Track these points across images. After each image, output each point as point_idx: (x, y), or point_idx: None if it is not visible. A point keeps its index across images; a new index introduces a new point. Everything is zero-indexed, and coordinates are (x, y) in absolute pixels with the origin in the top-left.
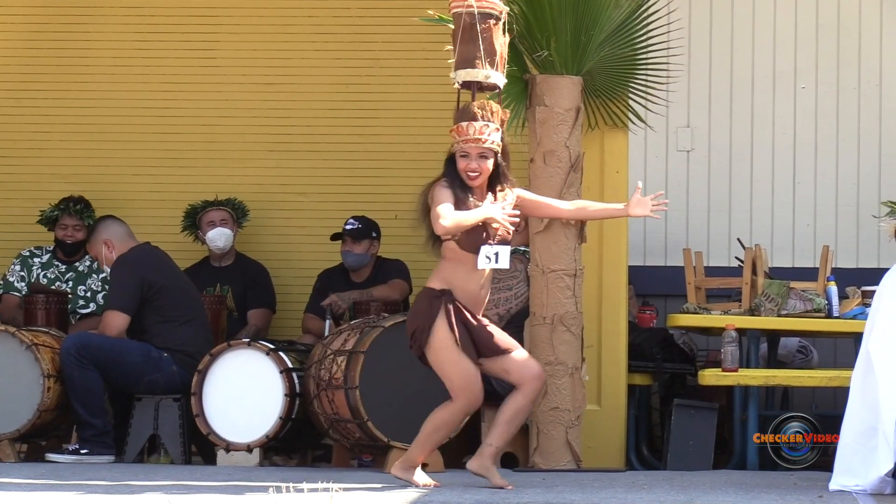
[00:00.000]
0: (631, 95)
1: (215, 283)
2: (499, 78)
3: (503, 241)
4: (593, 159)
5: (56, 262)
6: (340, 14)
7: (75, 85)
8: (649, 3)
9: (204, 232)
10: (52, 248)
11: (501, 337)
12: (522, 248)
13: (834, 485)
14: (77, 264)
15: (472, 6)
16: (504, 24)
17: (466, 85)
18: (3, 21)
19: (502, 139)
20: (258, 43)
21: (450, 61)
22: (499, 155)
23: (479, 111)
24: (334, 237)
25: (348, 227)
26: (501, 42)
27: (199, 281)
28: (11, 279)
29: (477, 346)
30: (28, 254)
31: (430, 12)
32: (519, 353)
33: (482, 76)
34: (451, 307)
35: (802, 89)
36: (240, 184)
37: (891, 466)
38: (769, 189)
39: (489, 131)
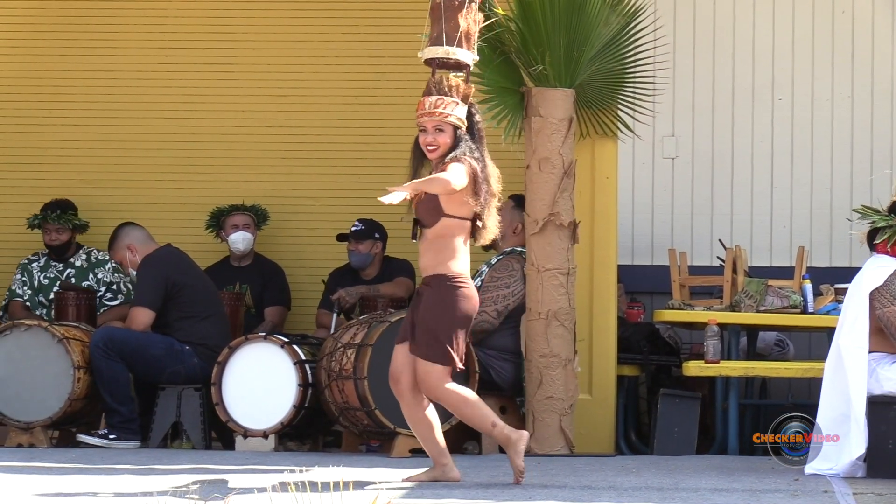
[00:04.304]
0: (620, 106)
1: (235, 282)
2: (463, 54)
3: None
4: (585, 166)
5: (53, 263)
6: (349, 31)
7: (102, 97)
8: (637, 21)
9: (227, 234)
10: (46, 252)
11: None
12: (519, 249)
13: (809, 469)
14: (72, 260)
15: None
16: (476, 3)
17: (431, 62)
18: (34, 37)
19: (471, 115)
20: (273, 58)
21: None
22: (459, 130)
23: (436, 85)
24: (339, 238)
25: (353, 228)
26: (471, 19)
27: (219, 279)
28: (14, 287)
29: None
30: (27, 261)
31: None
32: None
33: (441, 52)
34: None
35: (780, 100)
36: (255, 189)
37: (862, 451)
38: (748, 193)
39: (445, 104)
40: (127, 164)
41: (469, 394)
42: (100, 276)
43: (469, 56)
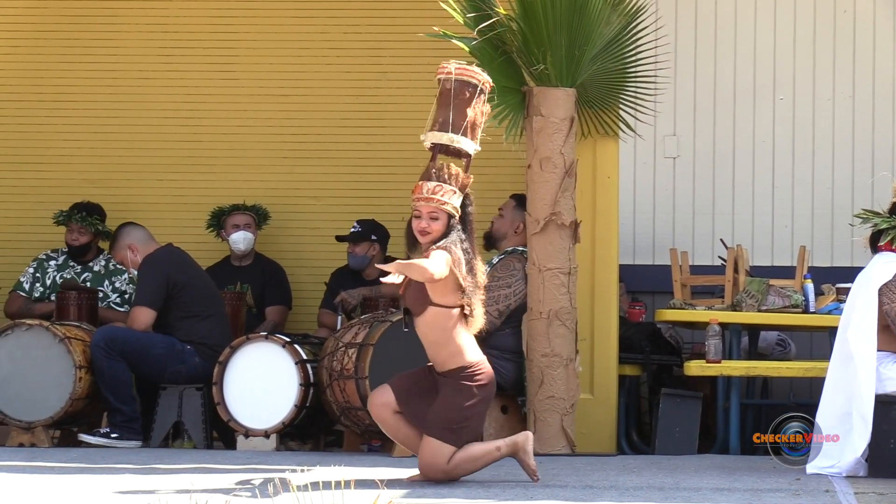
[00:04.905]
0: (621, 106)
1: (236, 281)
2: (467, 144)
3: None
4: (586, 165)
5: (72, 263)
6: (351, 31)
7: (104, 97)
8: (638, 21)
9: (228, 233)
10: (66, 251)
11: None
12: (520, 249)
13: (811, 468)
14: (91, 264)
15: (451, 74)
16: (486, 93)
17: (433, 147)
18: (36, 38)
19: (465, 205)
20: (274, 57)
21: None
22: (453, 219)
23: (437, 172)
24: (338, 239)
25: (350, 231)
26: (478, 111)
27: (220, 279)
28: (22, 279)
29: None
30: (44, 256)
31: (435, 28)
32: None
33: (446, 139)
34: None
35: (781, 100)
36: (257, 188)
37: (864, 448)
38: (750, 193)
39: (443, 192)
40: (128, 163)
41: (465, 452)
42: (116, 284)
43: (472, 146)
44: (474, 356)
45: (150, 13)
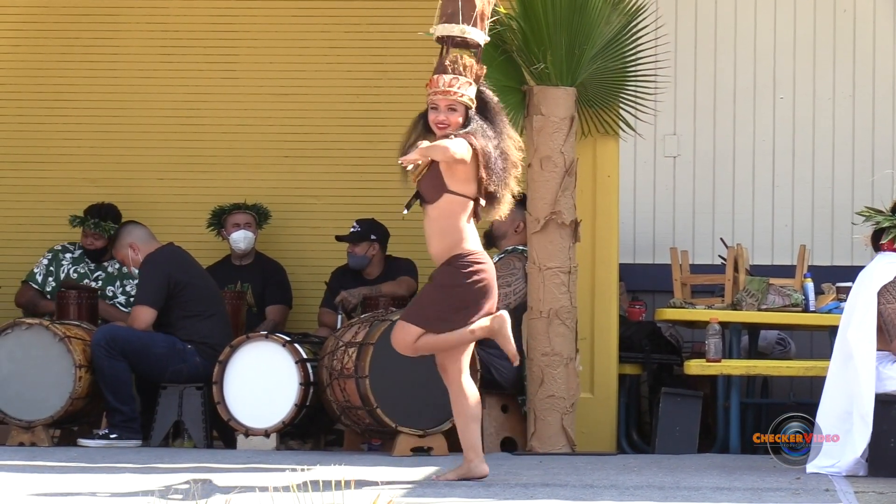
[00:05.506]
0: (621, 105)
1: (236, 281)
2: (477, 34)
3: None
4: (586, 164)
5: (87, 259)
6: (351, 30)
7: (104, 95)
8: (638, 20)
9: (228, 232)
10: (83, 246)
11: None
12: (521, 248)
13: (811, 467)
14: (106, 265)
15: None
16: None
17: (443, 40)
18: (36, 36)
19: (481, 93)
20: (275, 56)
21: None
22: (470, 110)
23: (451, 65)
24: (338, 239)
25: (350, 231)
26: (484, 1)
27: (220, 278)
28: (35, 270)
29: None
30: (60, 248)
31: None
32: None
33: (457, 31)
34: None
35: (781, 99)
36: (257, 187)
37: (864, 448)
38: (750, 192)
39: (459, 84)
40: (129, 163)
41: (435, 336)
42: (127, 288)
43: (482, 37)
44: (474, 246)
45: (150, 13)
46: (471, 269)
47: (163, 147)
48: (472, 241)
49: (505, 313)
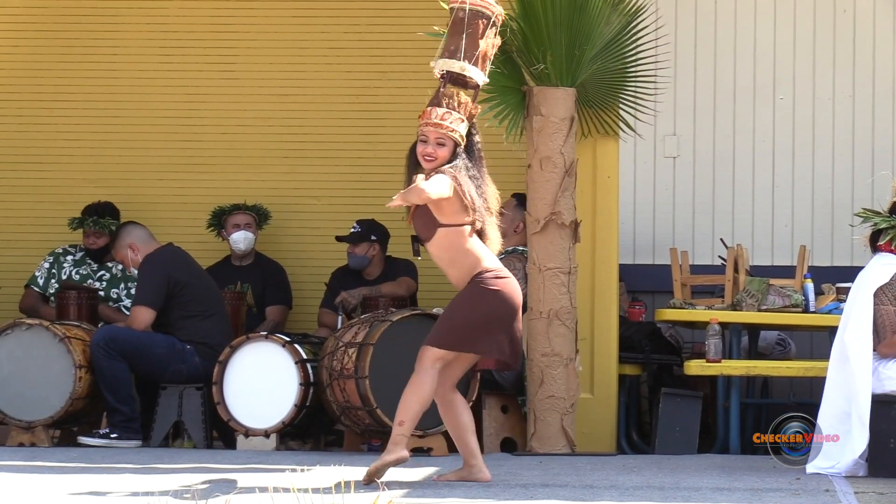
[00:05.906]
0: (621, 105)
1: (236, 281)
2: (477, 74)
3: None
4: (586, 165)
5: (89, 261)
6: (351, 30)
7: (104, 96)
8: (638, 20)
9: (228, 233)
10: (84, 248)
11: None
12: (521, 248)
13: (811, 468)
14: (110, 265)
15: (465, 2)
16: (497, 26)
17: (444, 75)
18: (36, 37)
19: (471, 135)
20: (274, 57)
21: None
22: (458, 147)
23: (446, 99)
24: (338, 239)
25: (350, 231)
26: (489, 43)
27: (220, 278)
28: (37, 274)
29: None
30: (62, 251)
31: (435, 28)
32: None
33: (457, 67)
34: None
35: (781, 100)
36: (257, 188)
37: (863, 449)
38: (750, 192)
39: (451, 119)
40: (128, 163)
41: (428, 396)
42: (132, 290)
43: (482, 77)
44: (493, 264)
45: (150, 13)
46: (489, 286)
47: (162, 147)
48: (487, 259)
49: (405, 456)
